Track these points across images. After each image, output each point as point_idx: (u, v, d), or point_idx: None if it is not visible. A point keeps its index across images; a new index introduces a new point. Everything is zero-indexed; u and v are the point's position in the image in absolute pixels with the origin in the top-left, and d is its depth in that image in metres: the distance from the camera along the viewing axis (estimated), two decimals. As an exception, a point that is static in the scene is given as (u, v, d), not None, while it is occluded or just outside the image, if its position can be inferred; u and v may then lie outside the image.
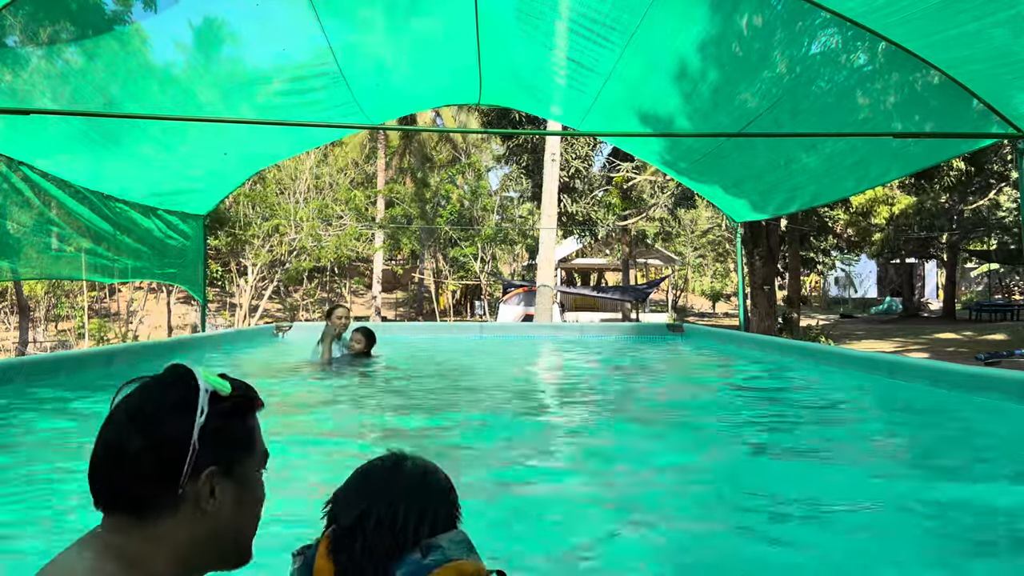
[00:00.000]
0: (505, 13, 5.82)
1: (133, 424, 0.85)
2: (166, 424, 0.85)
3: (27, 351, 16.35)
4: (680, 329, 9.80)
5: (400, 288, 33.47)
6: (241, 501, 0.92)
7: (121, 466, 0.84)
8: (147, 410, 0.86)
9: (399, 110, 8.63)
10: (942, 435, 3.65)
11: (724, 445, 3.50)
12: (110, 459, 0.85)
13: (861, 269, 36.79)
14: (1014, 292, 33.79)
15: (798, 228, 18.41)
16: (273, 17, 5.59)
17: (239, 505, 0.92)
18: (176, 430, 0.85)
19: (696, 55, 5.71)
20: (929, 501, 2.47)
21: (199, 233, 8.69)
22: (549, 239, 16.33)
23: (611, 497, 2.60)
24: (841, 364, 5.85)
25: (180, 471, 0.84)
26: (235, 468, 0.91)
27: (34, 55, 4.86)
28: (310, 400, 4.73)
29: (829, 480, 2.80)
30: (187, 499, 0.86)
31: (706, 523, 2.30)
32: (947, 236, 22.47)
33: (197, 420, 0.86)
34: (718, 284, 37.96)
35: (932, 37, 4.35)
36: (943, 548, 2.06)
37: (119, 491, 0.85)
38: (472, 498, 1.23)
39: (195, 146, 6.84)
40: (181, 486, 0.85)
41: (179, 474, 0.84)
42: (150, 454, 0.84)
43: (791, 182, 7.52)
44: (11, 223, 5.49)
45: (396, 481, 1.04)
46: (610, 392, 5.53)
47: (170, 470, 0.85)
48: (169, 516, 0.86)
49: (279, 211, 18.94)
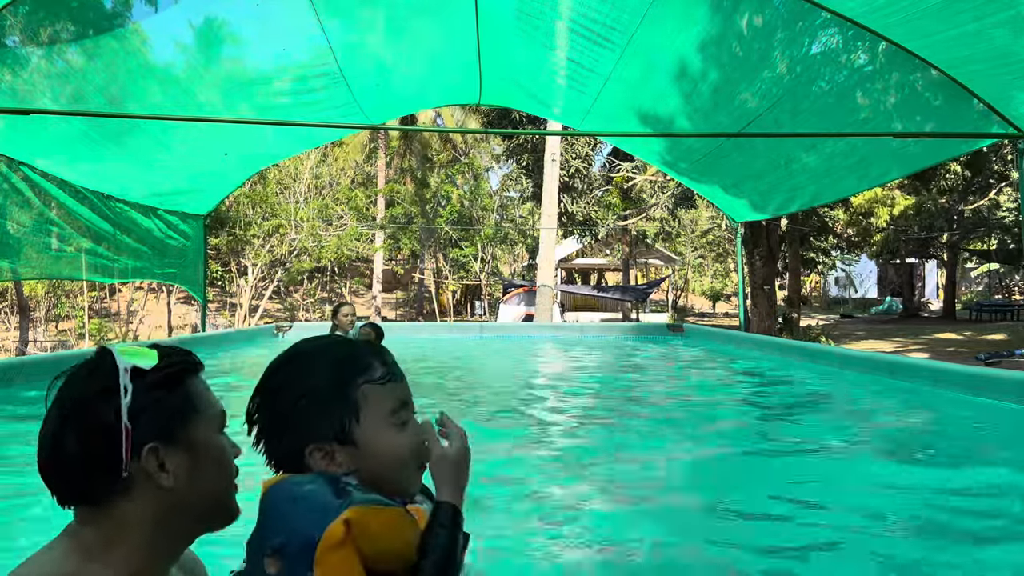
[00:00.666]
0: (505, 13, 5.82)
1: (63, 418, 0.84)
2: (92, 413, 0.83)
3: (27, 351, 16.35)
4: (680, 329, 9.80)
5: (400, 288, 33.47)
6: (198, 467, 0.89)
7: (61, 461, 0.83)
8: (73, 402, 0.84)
9: (399, 110, 8.64)
10: (941, 435, 3.65)
11: (723, 444, 3.50)
12: (50, 456, 0.84)
13: (861, 269, 36.77)
14: (1014, 292, 33.78)
15: (798, 228, 18.40)
16: (273, 17, 5.59)
17: (197, 471, 0.89)
18: (104, 417, 0.83)
19: (696, 55, 5.70)
20: (928, 498, 2.47)
21: (199, 233, 8.69)
22: (549, 239, 16.33)
23: (612, 498, 2.60)
24: (841, 364, 5.85)
25: (119, 456, 0.83)
26: (179, 437, 0.88)
27: (34, 55, 4.86)
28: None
29: (828, 480, 2.80)
30: (137, 480, 0.85)
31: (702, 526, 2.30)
32: (947, 236, 22.46)
33: (123, 402, 0.83)
34: (718, 284, 37.93)
35: (932, 37, 4.35)
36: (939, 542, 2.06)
37: (66, 485, 0.85)
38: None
39: (195, 146, 6.84)
40: (125, 469, 0.83)
41: (119, 459, 0.83)
42: (84, 446, 0.83)
43: (791, 182, 7.52)
44: (11, 223, 5.49)
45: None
46: (609, 392, 5.52)
47: (109, 457, 0.83)
48: (124, 500, 0.85)
49: (279, 211, 18.95)
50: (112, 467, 0.83)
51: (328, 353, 1.04)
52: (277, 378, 1.02)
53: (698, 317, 31.41)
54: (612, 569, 1.95)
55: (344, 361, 1.02)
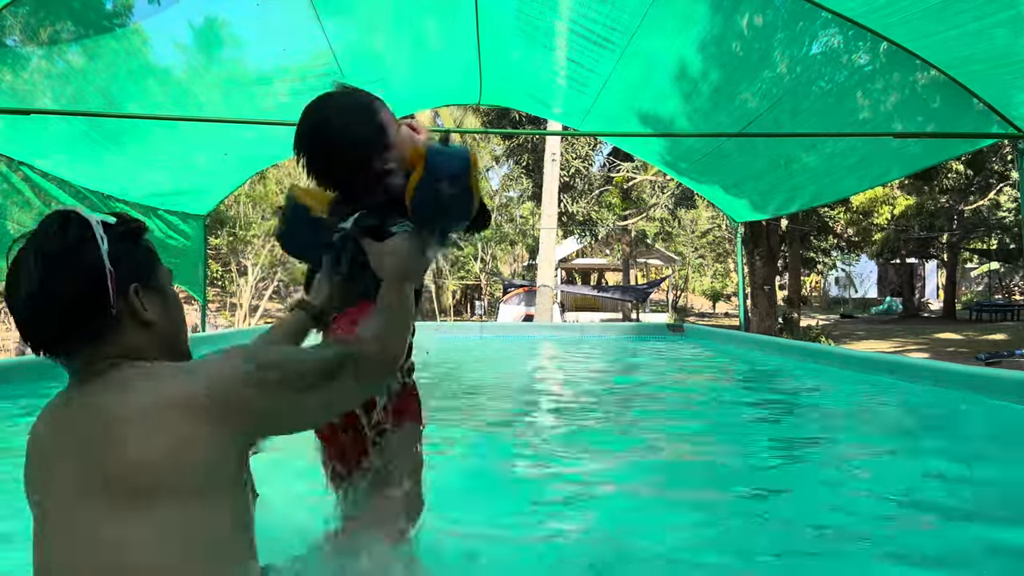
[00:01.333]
0: (505, 13, 5.82)
1: (48, 268, 0.93)
2: (78, 259, 0.95)
3: (27, 351, 16.34)
4: (680, 329, 9.81)
5: (400, 288, 33.36)
6: (168, 306, 1.06)
7: (56, 306, 0.94)
8: (56, 254, 0.94)
9: (399, 110, 8.60)
10: (942, 434, 3.66)
11: (721, 444, 3.50)
12: (42, 305, 0.94)
13: (861, 269, 36.76)
14: (1014, 292, 33.78)
15: (798, 228, 18.39)
16: (273, 17, 5.59)
17: (167, 310, 1.06)
18: (89, 261, 0.95)
19: (696, 55, 5.71)
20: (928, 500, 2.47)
21: (199, 233, 8.69)
22: (549, 239, 16.34)
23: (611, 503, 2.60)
24: (841, 364, 5.85)
25: (107, 294, 0.95)
26: (152, 280, 1.04)
27: (34, 55, 4.86)
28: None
29: (828, 480, 2.80)
30: (124, 315, 0.98)
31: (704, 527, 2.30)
32: (947, 236, 22.46)
33: (102, 248, 0.96)
34: (718, 284, 37.93)
35: (932, 37, 4.35)
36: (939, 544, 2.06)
37: (67, 330, 0.95)
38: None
39: (195, 146, 6.84)
40: (114, 306, 0.96)
41: (107, 296, 0.95)
42: (77, 287, 0.94)
43: (791, 182, 7.52)
44: (11, 223, 5.49)
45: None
46: (606, 393, 5.53)
47: (99, 295, 0.95)
48: (117, 332, 0.98)
49: (280, 211, 18.85)
50: (103, 305, 0.96)
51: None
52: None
53: (698, 317, 31.41)
54: (612, 568, 1.95)
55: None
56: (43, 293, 0.93)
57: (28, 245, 0.96)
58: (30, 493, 0.97)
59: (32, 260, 0.94)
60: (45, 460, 0.95)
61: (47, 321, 0.95)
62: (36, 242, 0.96)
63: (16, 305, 0.95)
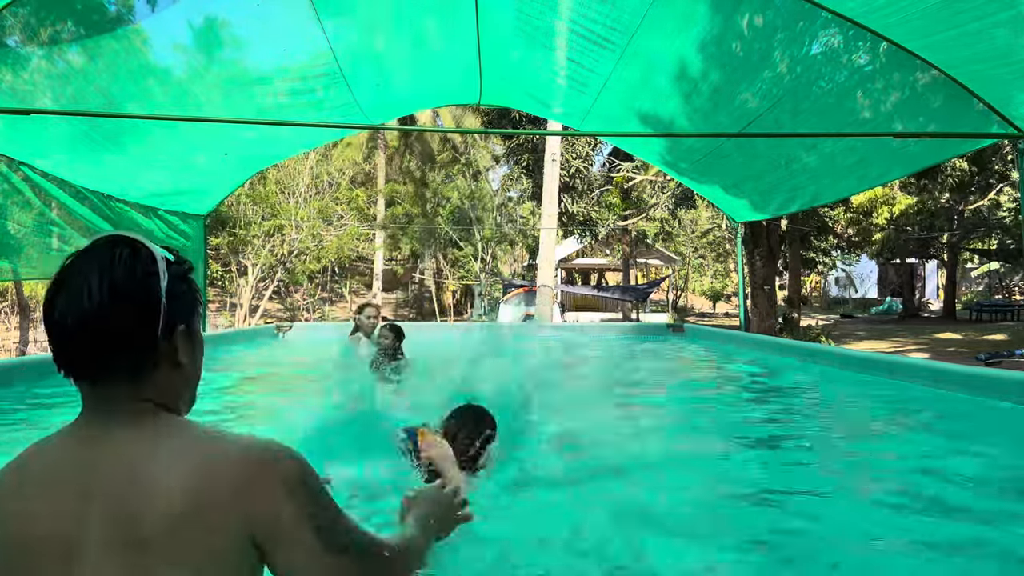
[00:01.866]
0: (505, 13, 5.82)
1: (115, 297, 0.92)
2: (144, 292, 0.94)
3: (27, 351, 16.35)
4: (680, 329, 9.81)
5: (400, 288, 33.47)
6: (195, 352, 1.04)
7: (110, 336, 0.92)
8: (123, 283, 0.93)
9: (399, 110, 8.63)
10: (942, 435, 3.65)
11: (720, 445, 3.50)
12: (98, 332, 0.91)
13: (861, 269, 36.76)
14: (1014, 292, 33.77)
15: (798, 228, 18.40)
16: (274, 17, 5.59)
17: (195, 356, 1.04)
18: (153, 295, 0.94)
19: (696, 55, 5.71)
20: (928, 501, 2.47)
21: (200, 233, 8.69)
22: (549, 239, 16.34)
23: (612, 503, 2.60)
24: (841, 364, 5.85)
25: (156, 331, 0.95)
26: (193, 323, 1.03)
27: (35, 55, 4.86)
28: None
29: (828, 479, 2.80)
30: (163, 355, 0.97)
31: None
32: (947, 236, 22.46)
33: (162, 284, 0.95)
34: (718, 284, 37.93)
35: (932, 37, 4.35)
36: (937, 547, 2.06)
37: (111, 359, 0.93)
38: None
39: (195, 146, 6.85)
40: (158, 344, 0.95)
41: (156, 333, 0.95)
42: (135, 320, 0.93)
43: (791, 182, 7.52)
44: (12, 223, 5.50)
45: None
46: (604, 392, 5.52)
47: (151, 331, 0.94)
48: (153, 371, 0.96)
49: (280, 210, 18.95)
50: (150, 340, 0.95)
51: None
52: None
53: (698, 317, 31.40)
54: (608, 566, 1.95)
55: None
56: (100, 318, 0.91)
57: (91, 266, 0.93)
58: (20, 526, 0.88)
59: (97, 283, 0.91)
60: (56, 495, 0.89)
61: (96, 346, 0.92)
62: (102, 264, 0.93)
63: (63, 322, 0.91)
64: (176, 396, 1.01)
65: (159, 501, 0.87)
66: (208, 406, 4.26)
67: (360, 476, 2.12)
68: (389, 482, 2.11)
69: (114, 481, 0.88)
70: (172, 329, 0.97)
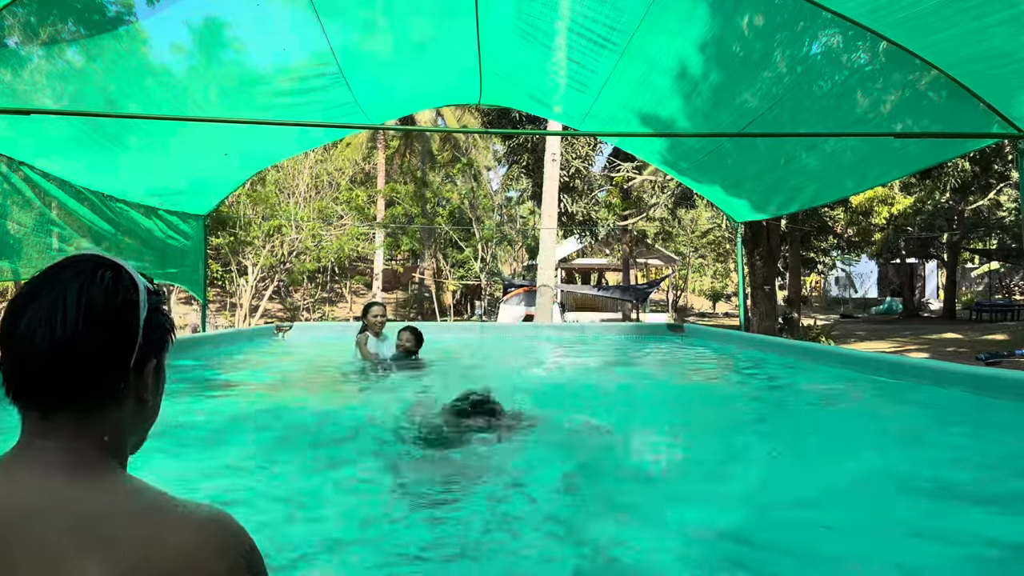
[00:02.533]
0: (505, 13, 5.82)
1: (90, 321, 0.84)
2: (122, 320, 0.87)
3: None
4: (681, 329, 9.81)
5: (400, 288, 33.47)
6: (158, 390, 0.96)
7: (77, 362, 0.83)
8: (101, 307, 0.85)
9: (399, 110, 8.63)
10: (942, 435, 3.65)
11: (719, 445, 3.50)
12: (67, 356, 0.82)
13: (861, 269, 36.78)
14: (1014, 292, 33.78)
15: (798, 228, 18.40)
16: (273, 17, 5.59)
17: (157, 393, 0.96)
18: (132, 325, 0.87)
19: (697, 55, 5.71)
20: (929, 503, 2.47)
21: (200, 233, 8.69)
22: (549, 239, 16.33)
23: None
24: (842, 364, 5.85)
25: (129, 363, 0.87)
26: (163, 360, 0.95)
27: (35, 55, 4.86)
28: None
29: (828, 479, 2.80)
30: (130, 391, 0.89)
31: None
32: (947, 236, 22.46)
33: (141, 314, 0.88)
34: (718, 284, 37.95)
35: (932, 37, 4.35)
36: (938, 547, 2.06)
37: (74, 386, 0.84)
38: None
39: (195, 146, 6.85)
40: (127, 378, 0.88)
41: (128, 366, 0.87)
42: (108, 349, 0.85)
43: (791, 182, 7.52)
44: (12, 223, 5.49)
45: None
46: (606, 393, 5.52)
47: (122, 363, 0.87)
48: (116, 407, 0.88)
49: (279, 211, 18.94)
50: (119, 373, 0.87)
51: None
52: None
53: (698, 317, 31.40)
54: (606, 565, 1.95)
55: None
56: (71, 342, 0.82)
57: (69, 283, 0.85)
58: None
59: (74, 303, 0.83)
60: None
61: (60, 371, 0.83)
62: (81, 284, 0.85)
63: (29, 338, 0.82)
64: (128, 437, 0.92)
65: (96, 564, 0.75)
66: (206, 407, 4.25)
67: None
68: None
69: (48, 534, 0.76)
70: (144, 363, 0.89)
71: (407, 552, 1.97)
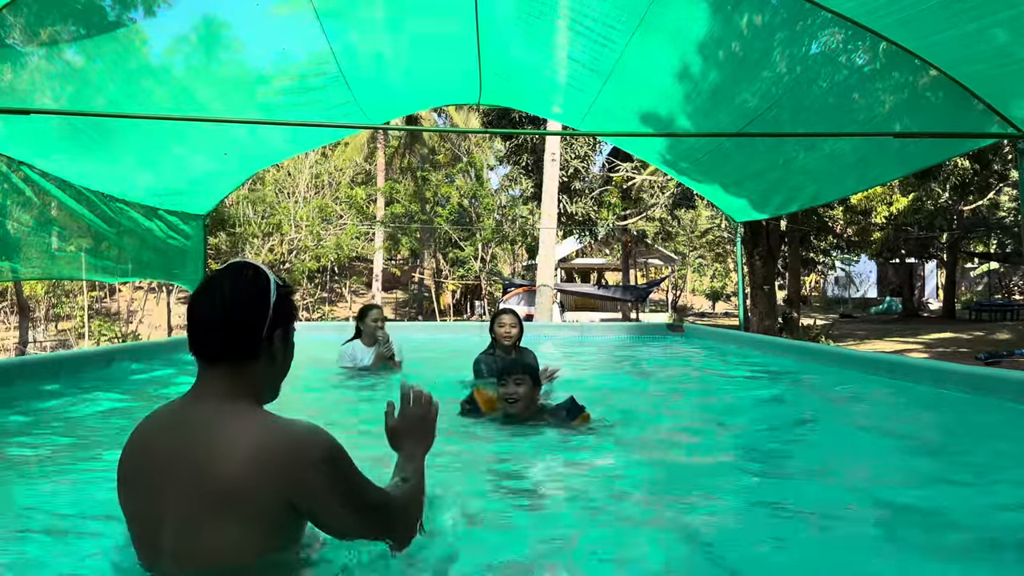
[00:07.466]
0: (505, 12, 5.82)
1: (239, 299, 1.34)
2: (259, 299, 1.36)
3: (27, 351, 16.35)
4: (680, 329, 9.81)
5: (400, 288, 33.46)
6: (287, 353, 1.45)
7: (231, 328, 1.33)
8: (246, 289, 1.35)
9: (399, 110, 8.64)
10: (942, 435, 3.66)
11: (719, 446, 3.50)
12: (226, 321, 1.32)
13: (861, 269, 36.78)
14: (1014, 292, 33.79)
15: (798, 228, 18.39)
16: (273, 17, 5.59)
17: (286, 355, 1.45)
18: (265, 302, 1.36)
19: (696, 55, 5.71)
20: (929, 505, 2.47)
21: (199, 233, 8.70)
22: (549, 239, 16.33)
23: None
24: (841, 364, 5.85)
25: (263, 329, 1.35)
26: (289, 331, 1.44)
27: (34, 55, 4.86)
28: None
29: (828, 479, 2.80)
30: (263, 350, 1.37)
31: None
32: (947, 236, 22.46)
33: (272, 299, 1.37)
34: (718, 284, 37.94)
35: (932, 37, 4.35)
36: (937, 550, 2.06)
37: (229, 342, 1.33)
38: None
39: (195, 146, 6.85)
40: (263, 340, 1.35)
41: (262, 331, 1.35)
42: (251, 317, 1.34)
43: (791, 182, 7.52)
44: (11, 223, 5.49)
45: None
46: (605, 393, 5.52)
47: (260, 327, 1.35)
48: (255, 361, 1.36)
49: (279, 210, 18.93)
50: (258, 336, 1.35)
51: None
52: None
53: (698, 317, 31.41)
54: (606, 565, 1.95)
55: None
56: (227, 311, 1.32)
57: (225, 279, 1.35)
58: (131, 459, 1.31)
59: (229, 287, 1.33)
60: (155, 443, 1.30)
61: (218, 335, 1.32)
62: (233, 279, 1.35)
63: (201, 315, 1.32)
64: (266, 385, 1.41)
65: (227, 463, 1.21)
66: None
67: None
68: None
69: (197, 442, 1.25)
70: (273, 332, 1.37)
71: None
